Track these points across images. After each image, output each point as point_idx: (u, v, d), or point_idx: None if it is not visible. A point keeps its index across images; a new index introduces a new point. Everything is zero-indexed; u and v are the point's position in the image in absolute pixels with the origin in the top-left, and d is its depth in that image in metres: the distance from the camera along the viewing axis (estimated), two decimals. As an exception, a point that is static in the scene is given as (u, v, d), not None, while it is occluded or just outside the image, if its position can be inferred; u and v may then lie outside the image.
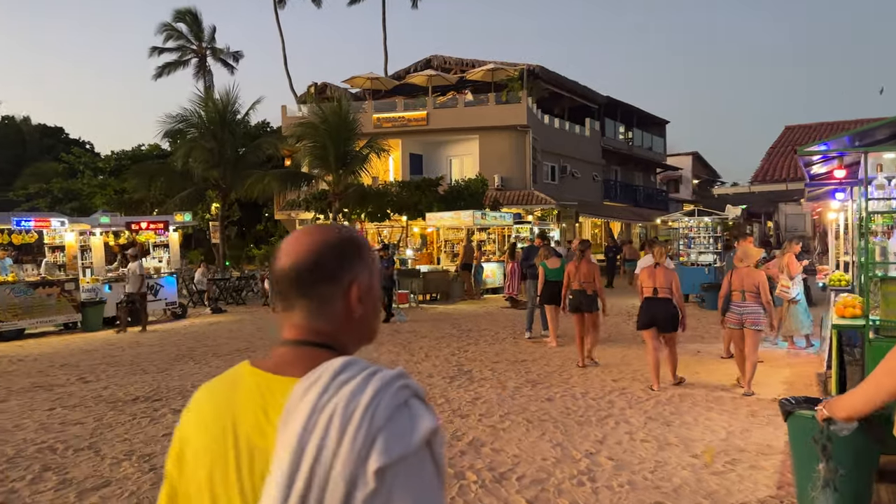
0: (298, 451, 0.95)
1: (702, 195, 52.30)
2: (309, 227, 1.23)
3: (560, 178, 32.03)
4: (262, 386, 1.10)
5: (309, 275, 1.15)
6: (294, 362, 1.11)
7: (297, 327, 1.16)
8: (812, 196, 9.42)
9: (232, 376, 1.17)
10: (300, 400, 0.99)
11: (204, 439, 1.11)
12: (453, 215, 21.04)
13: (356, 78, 31.48)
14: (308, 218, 28.42)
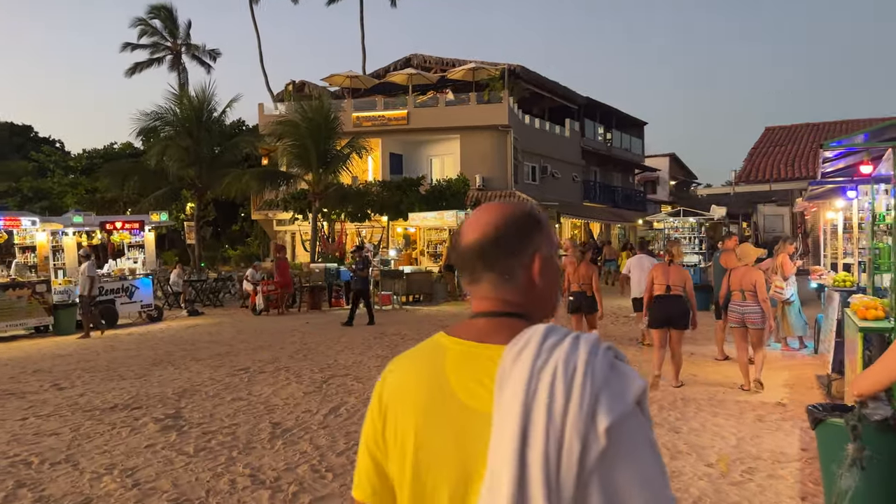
0: (525, 413, 1.00)
1: (679, 196, 52.63)
2: (491, 204, 1.27)
3: (541, 178, 31.89)
4: (469, 353, 1.16)
5: (494, 248, 1.20)
6: (495, 331, 1.17)
7: (488, 299, 1.22)
8: (812, 195, 9.29)
9: (431, 347, 1.23)
10: (513, 365, 1.05)
11: (412, 406, 1.16)
12: (436, 215, 20.75)
13: (335, 76, 31.04)
14: (286, 218, 27.93)
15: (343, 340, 12.14)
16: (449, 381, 1.15)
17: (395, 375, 1.24)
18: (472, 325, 1.22)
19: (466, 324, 1.23)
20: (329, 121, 22.07)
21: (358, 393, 7.86)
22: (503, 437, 1.01)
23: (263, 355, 10.72)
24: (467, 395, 1.12)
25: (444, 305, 18.28)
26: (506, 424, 1.01)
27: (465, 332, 1.21)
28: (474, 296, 1.25)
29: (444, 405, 1.13)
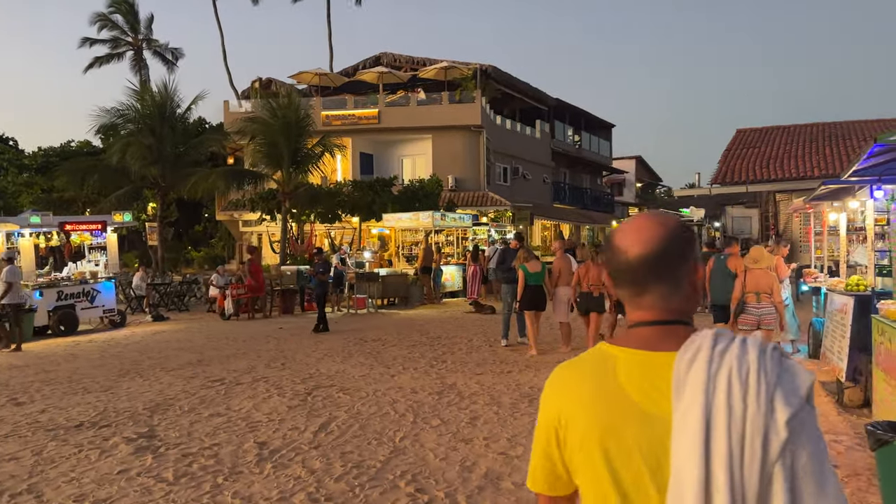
0: (706, 415, 1.08)
1: (644, 198, 53.00)
2: (646, 217, 1.31)
3: (512, 179, 31.62)
4: (642, 362, 1.21)
5: (663, 261, 1.25)
6: (664, 338, 1.23)
7: (655, 308, 1.27)
8: (817, 196, 9.05)
9: (597, 356, 1.27)
10: (688, 370, 1.13)
11: (594, 416, 1.20)
12: (411, 216, 20.24)
13: (303, 73, 30.30)
14: (253, 218, 27.14)
15: (322, 347, 11.58)
16: (624, 389, 1.19)
17: (568, 386, 1.27)
18: (638, 335, 1.26)
19: (630, 333, 1.28)
20: (300, 118, 21.42)
21: (346, 406, 7.33)
22: (685, 439, 1.09)
23: (238, 364, 10.11)
24: (647, 402, 1.17)
25: (420, 309, 17.78)
26: (687, 426, 1.09)
27: (632, 341, 1.25)
28: (636, 306, 1.29)
29: (624, 413, 1.18)
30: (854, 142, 21.19)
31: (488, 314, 16.01)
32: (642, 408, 1.17)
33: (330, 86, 31.47)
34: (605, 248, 1.36)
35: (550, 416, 1.27)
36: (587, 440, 1.20)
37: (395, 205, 22.95)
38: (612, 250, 1.31)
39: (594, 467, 1.19)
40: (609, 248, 1.32)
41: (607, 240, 1.35)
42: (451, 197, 25.76)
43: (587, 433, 1.20)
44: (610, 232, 1.42)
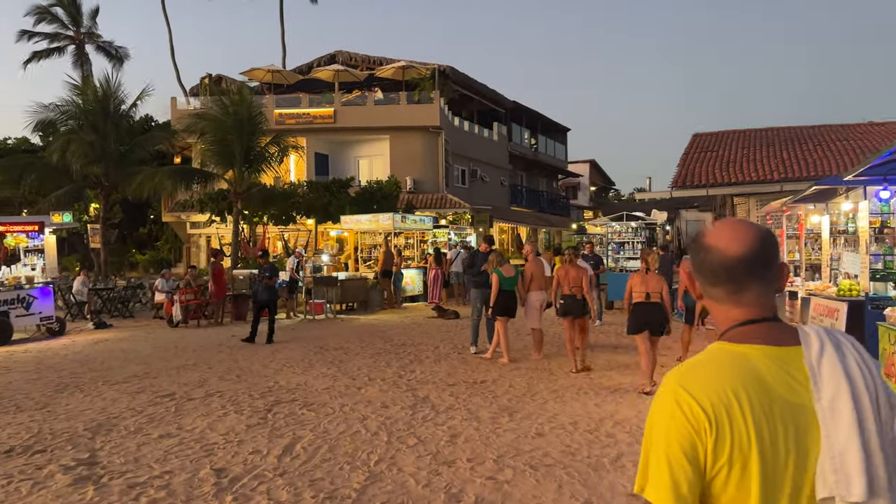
0: (855, 400, 1.20)
1: (598, 202, 53.34)
2: (737, 221, 1.40)
3: (470, 181, 31.22)
4: (774, 356, 1.27)
5: (763, 261, 1.32)
6: (780, 334, 1.31)
7: (756, 306, 1.33)
8: (804, 197, 8.80)
9: (727, 355, 1.29)
10: (820, 362, 1.23)
11: (749, 413, 1.21)
12: (371, 218, 19.60)
13: (255, 70, 29.34)
14: (202, 220, 26.11)
15: (280, 357, 10.89)
16: (768, 383, 1.23)
17: (707, 389, 1.23)
18: (753, 332, 1.31)
19: (744, 331, 1.31)
20: (253, 115, 20.57)
21: (312, 424, 6.72)
22: (842, 424, 1.19)
23: (189, 376, 9.36)
24: (790, 393, 1.23)
25: (380, 314, 17.17)
26: (840, 413, 1.20)
27: (752, 338, 1.29)
28: (735, 303, 1.33)
29: (774, 406, 1.22)
30: (810, 146, 21.42)
31: (451, 319, 15.51)
32: (787, 398, 1.22)
33: (283, 83, 30.58)
34: (696, 249, 1.39)
35: (692, 424, 1.22)
36: (741, 441, 1.20)
37: (352, 206, 22.28)
38: (707, 250, 1.35)
39: (746, 463, 1.20)
40: (704, 248, 1.36)
41: (698, 240, 1.39)
42: (410, 199, 25.20)
43: (742, 435, 1.20)
44: (699, 234, 1.44)
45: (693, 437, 1.21)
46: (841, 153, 19.96)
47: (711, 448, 1.20)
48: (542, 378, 8.82)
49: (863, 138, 21.73)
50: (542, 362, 9.92)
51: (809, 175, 18.67)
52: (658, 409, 1.27)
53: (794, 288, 9.72)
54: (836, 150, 20.51)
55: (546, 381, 8.58)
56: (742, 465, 1.20)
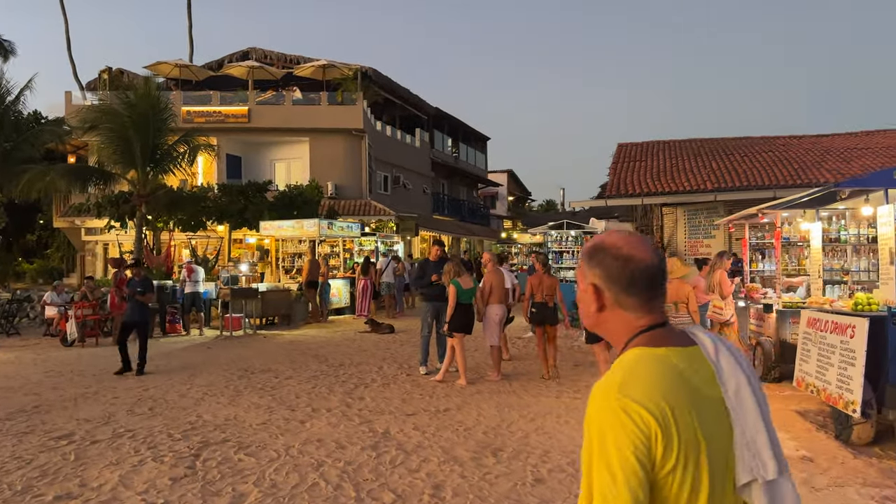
0: (754, 392, 1.34)
1: (516, 212, 53.31)
2: (631, 233, 1.48)
3: (393, 188, 30.06)
4: (686, 356, 1.35)
5: (665, 269, 1.45)
6: (681, 336, 1.40)
7: (660, 311, 1.42)
8: (781, 204, 8.18)
9: (655, 360, 1.32)
10: (718, 358, 1.36)
11: (689, 415, 1.26)
12: (294, 224, 18.11)
13: (161, 64, 27.12)
14: (99, 226, 23.73)
15: (199, 383, 9.39)
16: (692, 381, 1.30)
17: (651, 394, 1.25)
18: (663, 335, 1.38)
19: (656, 335, 1.37)
20: (159, 110, 18.67)
21: (254, 474, 5.40)
22: (748, 411, 1.31)
23: (91, 410, 7.78)
24: (708, 389, 1.31)
25: (306, 329, 15.73)
26: (746, 403, 1.32)
27: (665, 341, 1.36)
28: (647, 311, 1.40)
29: (702, 403, 1.28)
30: (737, 156, 21.56)
31: (386, 334, 14.31)
32: (708, 394, 1.30)
33: (192, 80, 28.47)
34: (611, 258, 1.40)
35: (643, 436, 1.22)
36: (687, 441, 1.23)
37: (271, 212, 20.66)
38: (628, 259, 1.40)
39: (697, 461, 1.24)
40: (623, 258, 1.40)
41: (611, 251, 1.41)
42: (332, 205, 23.76)
43: (689, 434, 1.24)
44: (607, 245, 1.43)
45: (645, 444, 1.21)
46: (770, 164, 20.12)
47: (661, 452, 1.22)
48: (512, 404, 7.80)
49: (785, 150, 22.10)
50: (503, 384, 8.92)
51: (742, 185, 18.66)
52: (607, 423, 1.24)
53: (769, 300, 9.14)
54: (764, 160, 20.70)
55: (517, 408, 7.57)
56: (694, 464, 1.24)
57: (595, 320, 1.45)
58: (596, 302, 1.41)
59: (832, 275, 7.98)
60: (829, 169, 18.89)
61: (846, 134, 24.08)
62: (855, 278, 7.83)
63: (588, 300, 1.43)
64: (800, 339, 7.49)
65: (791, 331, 8.67)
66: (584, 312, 1.48)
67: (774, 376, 8.93)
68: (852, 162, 19.49)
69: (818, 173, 18.65)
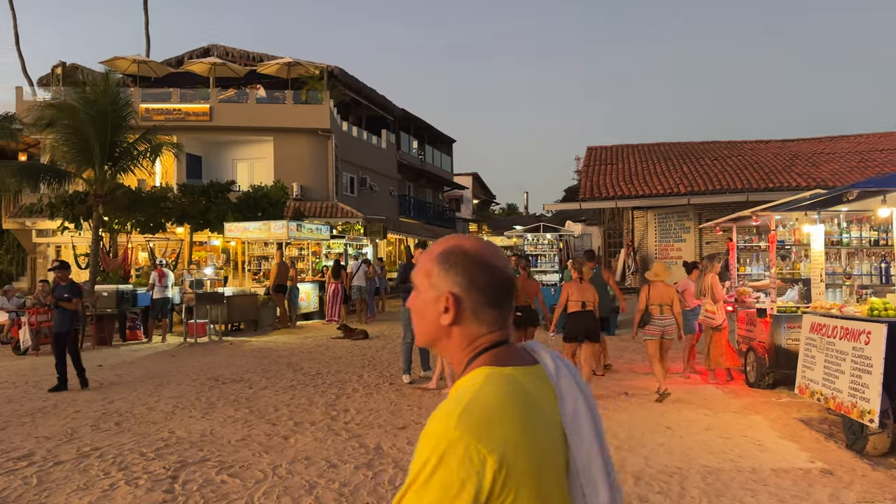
0: (591, 415, 1.24)
1: (481, 215, 53.14)
2: (485, 239, 1.37)
3: (359, 190, 29.49)
4: (531, 377, 1.22)
5: (512, 283, 1.32)
6: (525, 354, 1.28)
7: (508, 327, 1.30)
8: (797, 206, 7.98)
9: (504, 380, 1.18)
10: (558, 379, 1.25)
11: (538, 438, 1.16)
12: (261, 226, 17.46)
13: (118, 60, 26.09)
14: (52, 227, 22.66)
15: (167, 395, 8.79)
16: (540, 404, 1.19)
17: (499, 429, 1.10)
18: (509, 353, 1.26)
19: (502, 353, 1.26)
20: (118, 107, 17.80)
21: (244, 499, 4.90)
22: (586, 436, 1.21)
23: (51, 426, 7.15)
24: (551, 410, 1.20)
25: (275, 335, 15.12)
26: (583, 426, 1.21)
27: (512, 359, 1.25)
28: (499, 325, 1.28)
29: (550, 426, 1.18)
30: (707, 160, 21.65)
31: (360, 340, 13.81)
32: (553, 417, 1.20)
33: (151, 76, 27.49)
34: (476, 267, 1.27)
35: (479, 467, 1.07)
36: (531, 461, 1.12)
37: (234, 214, 19.95)
38: (493, 268, 1.28)
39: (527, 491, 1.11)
40: (489, 267, 1.28)
41: (477, 259, 1.28)
42: (298, 206, 23.12)
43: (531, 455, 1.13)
44: (466, 247, 1.28)
45: (477, 486, 1.06)
46: (740, 168, 20.23)
47: (499, 489, 1.08)
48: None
49: (753, 154, 22.28)
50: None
51: (714, 188, 18.69)
52: (441, 455, 1.07)
53: (762, 305, 8.95)
54: (734, 164, 20.81)
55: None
56: (534, 494, 1.11)
57: (438, 334, 1.28)
58: (452, 313, 1.25)
59: (833, 279, 7.80)
60: (799, 173, 19.06)
61: (812, 139, 24.44)
62: (857, 282, 7.66)
63: (437, 311, 1.26)
64: (802, 345, 7.28)
65: (786, 336, 8.50)
66: (427, 324, 1.29)
67: (768, 382, 8.74)
68: (821, 166, 19.71)
69: (788, 177, 18.79)
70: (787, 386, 8.55)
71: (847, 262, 8.02)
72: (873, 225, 7.57)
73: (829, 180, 17.31)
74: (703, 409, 7.62)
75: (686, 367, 9.88)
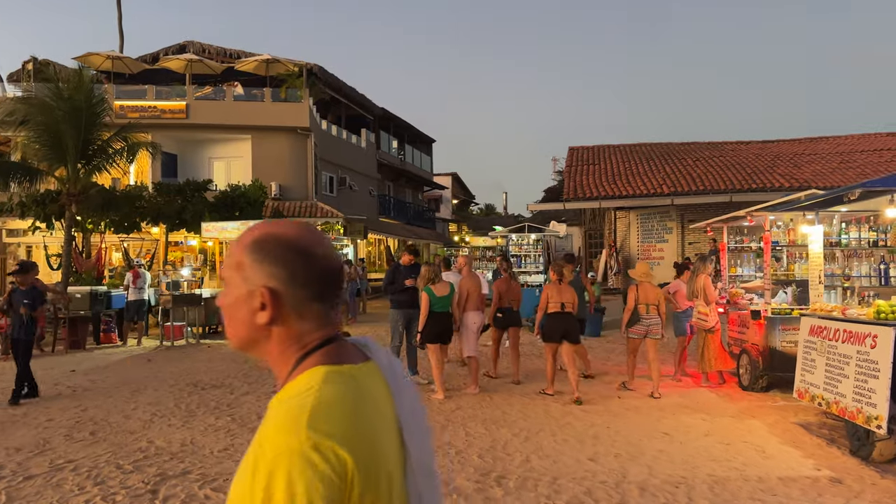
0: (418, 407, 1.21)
1: (460, 215, 52.96)
2: (307, 224, 1.22)
3: (339, 189, 29.10)
4: (368, 375, 1.14)
5: (342, 274, 1.20)
6: (357, 350, 1.18)
7: (335, 322, 1.19)
8: (796, 206, 7.83)
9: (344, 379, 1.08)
10: (393, 375, 1.18)
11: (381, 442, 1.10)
12: (240, 226, 17.03)
13: (92, 55, 25.44)
14: (22, 227, 22.03)
15: (144, 401, 8.43)
16: (379, 404, 1.12)
17: (346, 427, 1.01)
18: (342, 349, 1.16)
19: (334, 350, 1.14)
20: (93, 104, 17.30)
21: (228, 515, 4.61)
22: (423, 434, 1.19)
23: (21, 436, 6.77)
24: (386, 407, 1.13)
25: (254, 338, 14.73)
26: (420, 424, 1.18)
27: (347, 356, 1.15)
28: (327, 321, 1.16)
29: (390, 426, 1.11)
30: (689, 161, 21.63)
31: (342, 343, 13.48)
32: (388, 416, 1.12)
33: (125, 73, 26.87)
34: (294, 255, 1.12)
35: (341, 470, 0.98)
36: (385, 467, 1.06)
37: (211, 213, 19.53)
38: (316, 257, 1.14)
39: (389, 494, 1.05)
40: (311, 255, 1.13)
41: (294, 245, 1.13)
42: (277, 206, 22.71)
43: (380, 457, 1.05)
44: (280, 234, 1.13)
45: (341, 489, 0.98)
46: (723, 169, 20.22)
47: (358, 494, 1.00)
48: (498, 420, 7.20)
49: (735, 155, 22.31)
50: (483, 398, 8.30)
51: (698, 189, 18.64)
52: (293, 468, 0.94)
53: (756, 307, 8.82)
54: (716, 165, 20.81)
55: (506, 425, 6.97)
56: (387, 497, 1.05)
57: (254, 336, 1.14)
58: (270, 311, 1.11)
59: (832, 280, 7.68)
60: (782, 174, 19.09)
61: (791, 140, 24.56)
62: (856, 284, 7.54)
63: (251, 308, 1.11)
64: (800, 348, 7.14)
65: (781, 338, 8.37)
66: (239, 325, 1.14)
67: (762, 385, 8.61)
68: (803, 167, 19.77)
69: (771, 178, 18.81)
70: (781, 389, 8.44)
71: (843, 263, 7.90)
72: (872, 226, 7.47)
73: (811, 181, 17.34)
74: (700, 414, 7.46)
75: (677, 370, 9.73)
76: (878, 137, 23.50)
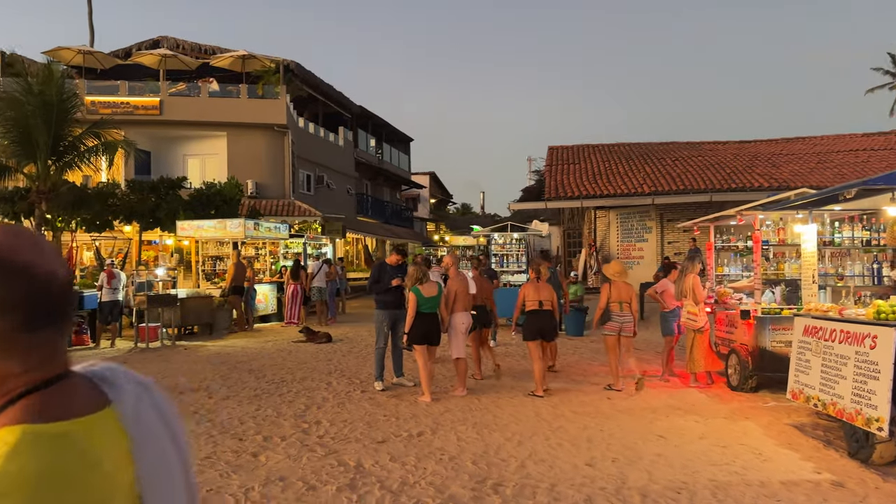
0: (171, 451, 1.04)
1: (438, 214, 52.77)
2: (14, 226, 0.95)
3: (316, 188, 28.74)
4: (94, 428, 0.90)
5: (71, 288, 0.96)
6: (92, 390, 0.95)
7: (60, 356, 0.93)
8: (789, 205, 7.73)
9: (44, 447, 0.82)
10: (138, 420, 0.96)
11: None
12: (216, 224, 16.68)
13: (62, 50, 24.83)
14: (-11, 225, 21.34)
15: (120, 406, 8.09)
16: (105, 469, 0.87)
17: None
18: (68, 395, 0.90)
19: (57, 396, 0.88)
20: (63, 99, 16.81)
21: (213, 529, 4.36)
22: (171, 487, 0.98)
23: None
24: (120, 473, 0.89)
25: (231, 339, 14.40)
26: (170, 475, 0.99)
27: (70, 406, 0.88)
28: (52, 355, 0.92)
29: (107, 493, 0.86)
30: (669, 161, 21.66)
31: (323, 343, 13.23)
32: (118, 482, 0.88)
33: (97, 68, 26.26)
34: None
35: None
36: None
37: (186, 211, 19.08)
38: (20, 273, 0.86)
39: None
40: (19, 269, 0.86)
41: None
42: (253, 204, 22.32)
43: None
44: None
45: None
46: (702, 169, 20.27)
47: None
48: (489, 424, 7.01)
49: (713, 155, 22.39)
50: (472, 401, 8.11)
51: (678, 188, 18.64)
52: None
53: (746, 306, 8.73)
54: (695, 165, 20.85)
55: (497, 429, 6.79)
56: None
57: None
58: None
59: (825, 280, 7.61)
60: (761, 173, 19.17)
61: (768, 140, 24.73)
62: (850, 283, 7.47)
63: None
64: (794, 349, 7.05)
65: (771, 338, 8.29)
66: None
67: (751, 386, 8.53)
68: (781, 167, 19.88)
69: (750, 177, 18.88)
70: (771, 389, 8.37)
71: (833, 262, 7.84)
72: (866, 224, 7.41)
73: (790, 181, 17.43)
74: (693, 416, 7.34)
75: (665, 370, 9.64)
76: (854, 138, 23.76)
